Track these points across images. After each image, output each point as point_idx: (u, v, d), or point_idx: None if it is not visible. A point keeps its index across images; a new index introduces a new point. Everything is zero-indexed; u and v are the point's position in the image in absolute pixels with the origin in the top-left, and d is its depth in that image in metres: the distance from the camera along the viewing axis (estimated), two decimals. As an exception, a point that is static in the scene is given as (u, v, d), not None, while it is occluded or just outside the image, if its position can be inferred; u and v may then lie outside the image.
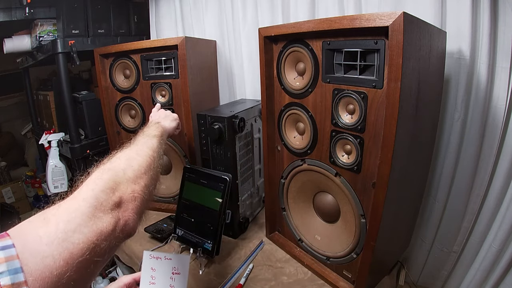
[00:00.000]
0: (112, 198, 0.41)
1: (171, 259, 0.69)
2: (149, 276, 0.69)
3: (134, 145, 0.57)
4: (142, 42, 1.12)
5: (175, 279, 0.68)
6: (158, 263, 0.70)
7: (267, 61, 0.84)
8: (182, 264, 0.69)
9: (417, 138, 0.72)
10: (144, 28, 1.55)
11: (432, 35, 0.65)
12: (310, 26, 0.69)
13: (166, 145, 1.15)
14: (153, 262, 0.70)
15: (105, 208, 0.40)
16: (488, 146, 0.87)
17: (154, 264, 0.70)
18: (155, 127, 0.70)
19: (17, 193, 2.60)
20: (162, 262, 0.70)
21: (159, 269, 0.69)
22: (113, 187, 0.42)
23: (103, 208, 0.39)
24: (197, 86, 1.11)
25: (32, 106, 2.07)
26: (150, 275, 0.69)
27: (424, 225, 1.04)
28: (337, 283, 0.81)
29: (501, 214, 0.89)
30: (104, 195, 0.41)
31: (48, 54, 1.32)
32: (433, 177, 0.98)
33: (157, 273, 0.69)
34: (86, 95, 1.39)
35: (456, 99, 0.88)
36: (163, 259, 0.70)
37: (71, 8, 1.28)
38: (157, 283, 0.69)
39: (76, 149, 1.38)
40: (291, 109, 0.83)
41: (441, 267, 1.05)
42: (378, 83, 0.62)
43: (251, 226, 1.10)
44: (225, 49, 1.34)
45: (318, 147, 0.78)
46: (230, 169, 0.96)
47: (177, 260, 0.69)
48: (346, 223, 0.78)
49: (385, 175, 0.62)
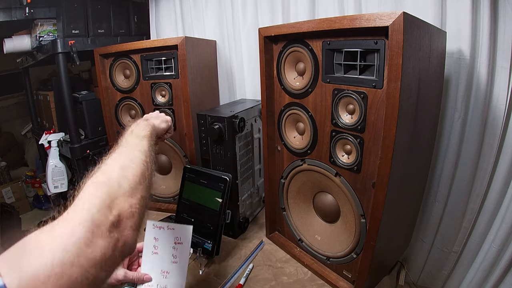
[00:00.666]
0: (109, 218, 0.38)
1: (173, 229, 0.69)
2: (151, 246, 0.69)
3: (124, 148, 0.53)
4: (142, 42, 1.12)
5: (177, 248, 0.68)
6: (161, 233, 0.69)
7: (267, 61, 0.84)
8: (185, 234, 0.69)
9: (417, 138, 0.72)
10: (144, 28, 1.55)
11: (432, 35, 0.65)
12: (310, 26, 0.69)
13: (166, 145, 1.17)
14: (156, 232, 0.69)
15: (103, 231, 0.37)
16: (488, 146, 0.87)
17: (157, 234, 0.69)
18: (144, 124, 0.65)
19: (17, 193, 2.60)
20: (165, 232, 0.69)
21: (162, 239, 0.69)
22: (110, 205, 0.39)
23: (100, 232, 0.36)
24: (197, 86, 1.11)
25: (32, 106, 2.07)
26: (153, 245, 0.69)
27: (424, 225, 1.04)
28: (337, 283, 0.81)
29: (501, 214, 0.89)
30: (101, 215, 0.38)
31: (48, 54, 1.32)
32: (433, 177, 0.98)
33: (159, 243, 0.69)
34: (86, 95, 1.39)
35: (456, 99, 0.88)
36: (165, 229, 0.69)
37: (71, 8, 1.28)
38: (159, 253, 0.69)
39: (76, 149, 1.38)
40: (291, 109, 0.83)
41: (441, 267, 1.05)
42: (378, 83, 0.62)
43: (251, 226, 1.10)
44: (225, 49, 1.34)
45: (318, 147, 0.78)
46: (230, 169, 0.96)
47: (180, 230, 0.69)
48: (346, 223, 0.78)
49: (385, 175, 0.62)
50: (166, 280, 0.67)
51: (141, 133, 0.60)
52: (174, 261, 0.68)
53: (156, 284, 0.67)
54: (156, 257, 0.69)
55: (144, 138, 0.58)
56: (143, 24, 1.56)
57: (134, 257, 0.71)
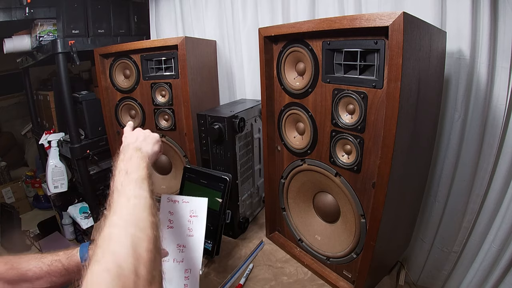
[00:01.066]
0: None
1: (188, 202, 0.68)
2: (166, 220, 0.68)
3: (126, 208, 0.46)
4: (142, 42, 1.12)
5: (193, 222, 0.67)
6: (176, 206, 0.68)
7: (267, 61, 0.84)
8: (200, 207, 0.68)
9: (417, 138, 0.72)
10: (144, 28, 1.55)
11: (432, 35, 0.65)
12: (310, 26, 0.69)
13: (166, 145, 1.17)
14: (171, 205, 0.68)
15: None
16: (488, 146, 0.87)
17: (171, 207, 0.68)
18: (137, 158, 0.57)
19: (17, 193, 2.60)
20: (180, 205, 0.68)
21: (177, 212, 0.68)
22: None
23: None
24: (197, 86, 1.11)
25: (32, 106, 2.07)
26: (168, 219, 0.68)
27: (424, 225, 1.04)
28: (337, 283, 0.81)
29: (501, 214, 0.89)
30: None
31: (48, 54, 1.32)
32: (433, 177, 0.98)
33: (174, 216, 0.68)
34: (86, 95, 1.39)
35: (456, 99, 0.88)
36: (180, 202, 0.68)
37: (71, 8, 1.28)
38: (175, 227, 0.67)
39: (76, 149, 1.38)
40: (291, 109, 0.83)
41: (441, 267, 1.05)
42: (378, 83, 0.62)
43: (251, 226, 1.10)
44: (225, 49, 1.34)
45: (318, 147, 0.78)
46: (230, 169, 0.96)
47: (195, 203, 0.68)
48: (346, 223, 0.78)
49: (385, 175, 0.62)
50: (182, 254, 0.66)
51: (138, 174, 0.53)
52: (190, 235, 0.67)
53: (173, 258, 0.66)
54: (171, 231, 0.67)
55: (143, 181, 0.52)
56: (143, 24, 1.56)
57: None
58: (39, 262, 0.58)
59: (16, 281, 0.57)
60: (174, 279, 0.64)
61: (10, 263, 0.57)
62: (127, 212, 0.45)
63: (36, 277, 0.57)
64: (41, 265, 0.58)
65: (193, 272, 0.65)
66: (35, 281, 0.57)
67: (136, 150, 0.60)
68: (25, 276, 0.56)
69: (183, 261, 0.66)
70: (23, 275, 0.56)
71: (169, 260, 0.66)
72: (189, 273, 0.65)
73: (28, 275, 0.57)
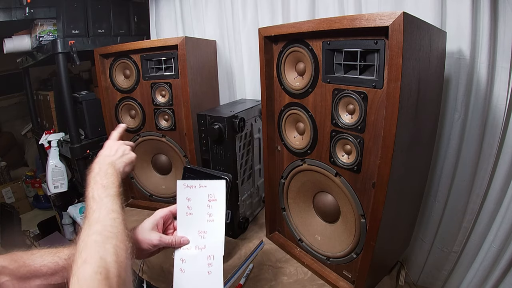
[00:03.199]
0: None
1: (206, 186, 0.65)
2: (185, 206, 0.65)
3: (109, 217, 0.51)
4: (142, 42, 1.12)
5: (212, 206, 0.65)
6: (193, 192, 0.65)
7: (267, 61, 0.84)
8: (218, 190, 0.65)
9: (417, 138, 0.72)
10: (144, 28, 1.55)
11: (432, 35, 0.65)
12: (310, 26, 0.69)
13: (166, 145, 1.17)
14: (188, 191, 0.66)
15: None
16: (488, 146, 0.87)
17: (188, 193, 0.66)
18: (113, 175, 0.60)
19: (17, 193, 2.61)
20: (197, 190, 0.65)
21: (195, 198, 0.65)
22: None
23: None
24: (197, 86, 1.11)
25: (32, 106, 2.07)
26: (187, 205, 0.65)
27: (424, 225, 1.04)
28: (337, 283, 0.81)
29: (501, 214, 0.89)
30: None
31: (48, 54, 1.32)
32: (433, 177, 0.98)
33: (192, 202, 0.65)
34: (86, 95, 1.39)
35: (456, 99, 0.88)
36: (197, 187, 0.65)
37: (71, 8, 1.28)
38: (194, 213, 0.65)
39: (76, 149, 1.38)
40: (291, 109, 0.83)
41: (441, 267, 1.05)
42: (378, 83, 0.62)
43: (251, 226, 1.10)
44: (225, 49, 1.34)
45: (318, 147, 0.78)
46: (230, 169, 0.96)
47: (213, 187, 0.65)
48: (346, 223, 0.78)
49: (385, 175, 0.62)
50: (204, 241, 0.64)
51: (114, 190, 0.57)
52: (210, 220, 0.64)
53: (194, 246, 0.64)
54: (191, 218, 0.65)
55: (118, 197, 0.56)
56: (143, 24, 1.56)
57: (168, 221, 0.68)
58: (54, 257, 0.58)
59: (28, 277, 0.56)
60: (197, 267, 0.63)
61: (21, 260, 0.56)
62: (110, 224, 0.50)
63: (51, 272, 0.57)
64: (57, 260, 0.57)
65: (216, 258, 0.63)
66: (50, 277, 0.57)
67: (111, 165, 0.63)
68: (38, 272, 0.56)
69: (205, 248, 0.64)
70: (36, 271, 0.56)
71: (190, 247, 0.64)
72: (212, 259, 0.63)
73: (42, 271, 0.56)
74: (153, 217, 0.65)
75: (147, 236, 0.62)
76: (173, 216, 0.67)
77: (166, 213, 0.66)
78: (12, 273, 0.55)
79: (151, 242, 0.61)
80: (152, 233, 0.62)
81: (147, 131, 1.19)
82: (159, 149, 1.22)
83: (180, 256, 0.64)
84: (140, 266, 0.99)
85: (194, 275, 0.63)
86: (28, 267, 0.56)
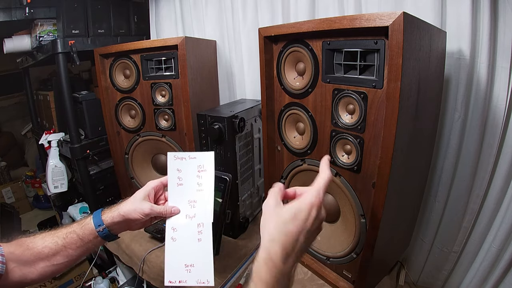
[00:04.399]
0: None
1: (195, 157, 0.69)
2: (176, 177, 0.68)
3: None
4: (142, 42, 1.12)
5: (201, 176, 0.68)
6: (183, 163, 0.69)
7: (267, 61, 0.84)
8: (207, 161, 0.68)
9: (417, 138, 0.72)
10: (144, 28, 1.55)
11: (432, 35, 0.65)
12: (310, 26, 0.69)
13: (167, 145, 1.17)
14: (178, 163, 0.69)
15: None
16: (488, 146, 0.87)
17: (179, 165, 0.69)
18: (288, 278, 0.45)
19: (17, 193, 2.61)
20: (187, 161, 0.69)
21: (185, 169, 0.68)
22: None
23: None
24: (197, 86, 1.11)
25: (32, 106, 2.07)
26: (177, 176, 0.68)
27: (424, 225, 1.04)
28: (337, 283, 0.81)
29: (501, 214, 0.89)
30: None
31: (48, 54, 1.32)
32: (433, 177, 0.98)
33: (183, 173, 0.68)
34: (86, 95, 1.39)
35: (456, 99, 0.88)
36: (187, 158, 0.69)
37: (71, 8, 1.28)
38: (184, 184, 0.68)
39: (76, 149, 1.38)
40: (291, 109, 0.83)
41: (441, 267, 1.05)
42: (378, 83, 0.62)
43: (251, 226, 1.10)
44: (225, 49, 1.34)
45: (318, 147, 0.78)
46: (230, 169, 0.96)
47: (202, 158, 0.69)
48: (346, 223, 0.78)
49: (385, 175, 0.62)
50: (194, 210, 0.67)
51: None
52: (199, 189, 0.68)
53: (185, 215, 0.67)
54: (181, 188, 0.68)
55: None
56: (143, 24, 1.56)
57: (159, 192, 0.70)
58: (54, 237, 0.61)
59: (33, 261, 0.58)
60: (188, 235, 0.66)
61: (25, 245, 0.59)
62: None
63: (52, 253, 0.60)
64: (57, 240, 0.60)
65: (205, 225, 0.66)
66: (52, 258, 0.59)
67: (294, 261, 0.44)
68: (41, 254, 0.59)
69: (195, 216, 0.67)
70: (39, 254, 0.59)
71: (181, 217, 0.67)
72: (202, 227, 0.66)
73: (45, 252, 0.59)
74: (145, 188, 0.68)
75: (138, 206, 0.64)
76: (164, 187, 0.70)
77: (158, 184, 0.69)
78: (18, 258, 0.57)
79: (142, 211, 0.64)
80: (143, 203, 0.65)
81: (147, 131, 1.19)
82: (159, 149, 1.22)
83: (171, 225, 0.67)
84: (140, 266, 0.99)
85: (185, 243, 0.66)
86: (31, 249, 0.59)
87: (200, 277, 0.64)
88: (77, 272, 1.75)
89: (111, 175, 1.46)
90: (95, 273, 1.68)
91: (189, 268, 0.64)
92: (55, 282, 1.68)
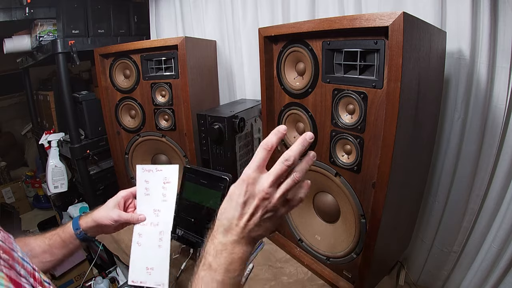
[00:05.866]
0: None
1: (161, 170, 0.75)
2: (143, 188, 0.75)
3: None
4: (142, 42, 1.12)
5: (166, 188, 0.74)
6: (151, 175, 0.75)
7: (267, 61, 0.84)
8: (171, 173, 0.75)
9: (417, 138, 0.72)
10: (144, 28, 1.55)
11: (432, 35, 0.65)
12: (310, 26, 0.69)
13: (166, 145, 1.17)
14: (146, 175, 0.75)
15: None
16: (488, 146, 0.87)
17: (147, 176, 0.75)
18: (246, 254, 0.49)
19: (17, 193, 2.61)
20: (154, 174, 0.75)
21: (152, 180, 0.75)
22: None
23: None
24: (197, 86, 1.11)
25: (32, 106, 2.07)
26: (145, 187, 0.75)
27: (424, 225, 1.04)
28: (337, 283, 0.81)
29: (501, 214, 0.89)
30: None
31: (48, 54, 1.32)
32: (433, 177, 0.98)
33: (150, 184, 0.75)
34: (86, 95, 1.39)
35: (456, 99, 0.88)
36: (154, 171, 0.75)
37: (71, 8, 1.28)
38: (151, 194, 0.75)
39: (76, 149, 1.38)
40: (291, 109, 0.83)
41: (441, 267, 1.05)
42: (378, 83, 0.62)
43: (251, 226, 1.10)
44: (225, 49, 1.34)
45: (318, 147, 0.78)
46: (230, 169, 0.96)
47: (167, 171, 0.75)
48: (346, 223, 0.78)
49: (385, 175, 0.62)
50: (158, 218, 0.73)
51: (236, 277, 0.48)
52: (164, 200, 0.74)
53: (150, 222, 0.74)
54: (148, 198, 0.75)
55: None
56: (143, 24, 1.56)
57: (128, 200, 0.77)
58: (43, 238, 0.70)
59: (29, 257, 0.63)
60: (150, 241, 0.72)
61: (23, 241, 0.68)
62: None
63: (42, 251, 0.68)
64: (44, 240, 0.70)
65: (165, 233, 0.72)
66: (41, 255, 0.68)
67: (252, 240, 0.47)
68: (34, 251, 0.67)
69: (158, 224, 0.73)
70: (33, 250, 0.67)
71: (146, 224, 0.73)
72: (163, 234, 0.72)
73: (36, 250, 0.68)
74: (115, 197, 0.75)
75: (109, 213, 0.71)
76: (133, 196, 0.77)
77: (127, 193, 0.76)
78: None
79: (112, 218, 0.71)
80: (113, 211, 0.72)
81: (147, 131, 1.19)
82: (159, 149, 1.22)
83: (138, 231, 0.74)
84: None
85: (147, 248, 0.72)
86: (28, 245, 0.67)
87: (157, 280, 0.70)
88: (77, 272, 1.75)
89: (111, 175, 1.46)
90: (95, 273, 1.68)
91: (150, 271, 0.71)
92: (55, 282, 1.68)
